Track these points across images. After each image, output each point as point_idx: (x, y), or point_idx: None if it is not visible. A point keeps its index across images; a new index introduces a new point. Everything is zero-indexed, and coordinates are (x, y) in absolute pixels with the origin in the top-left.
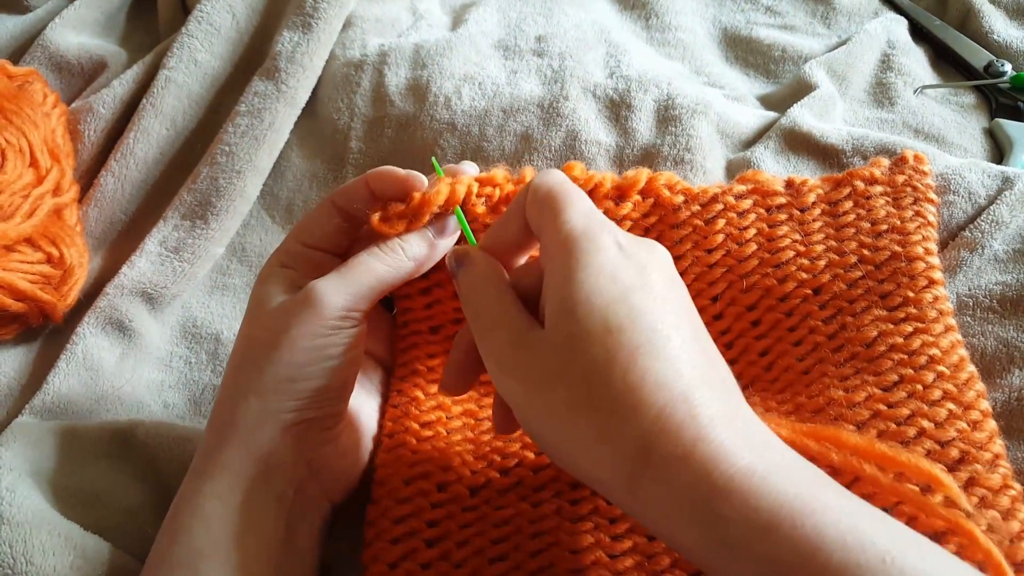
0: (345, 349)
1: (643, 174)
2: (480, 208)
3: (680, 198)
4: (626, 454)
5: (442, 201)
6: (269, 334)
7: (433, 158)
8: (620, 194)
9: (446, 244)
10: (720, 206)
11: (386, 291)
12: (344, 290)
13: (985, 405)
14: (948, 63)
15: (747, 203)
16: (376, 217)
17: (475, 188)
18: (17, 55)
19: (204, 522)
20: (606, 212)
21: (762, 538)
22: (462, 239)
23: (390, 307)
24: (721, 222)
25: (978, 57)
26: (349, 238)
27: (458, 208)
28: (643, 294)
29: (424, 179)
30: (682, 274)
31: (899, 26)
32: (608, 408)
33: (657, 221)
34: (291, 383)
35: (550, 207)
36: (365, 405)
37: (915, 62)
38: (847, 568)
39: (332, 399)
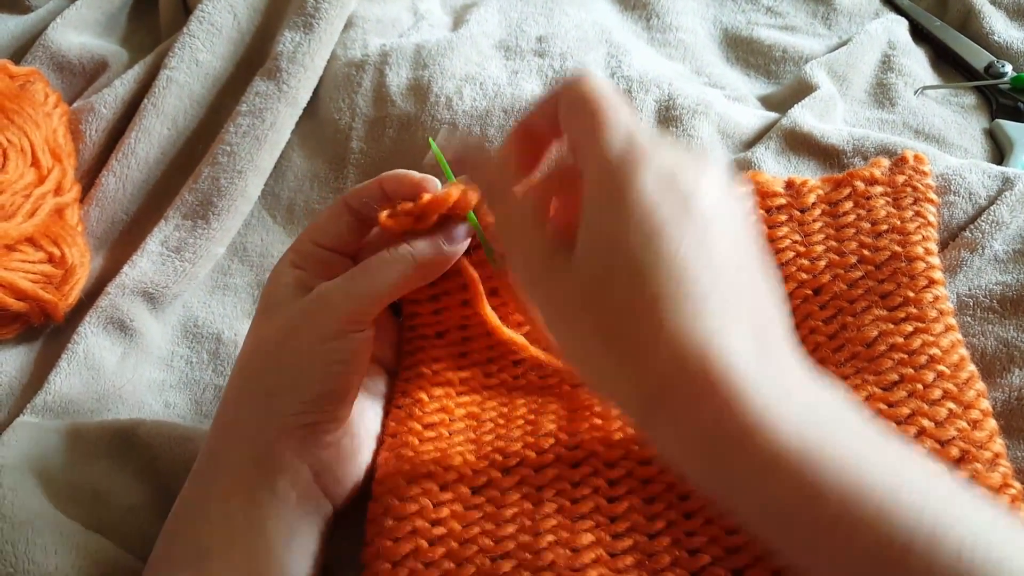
0: (351, 355)
1: None
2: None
3: None
4: (643, 391)
5: (451, 203)
6: (277, 335)
7: (430, 138)
8: None
9: (456, 252)
10: None
11: (394, 297)
12: (353, 295)
13: (985, 404)
14: (948, 64)
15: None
16: (384, 214)
17: None
18: (19, 55)
19: (207, 522)
20: None
21: (765, 481)
22: (476, 245)
23: (397, 312)
24: None
25: (979, 58)
26: (359, 239)
27: (471, 213)
28: (678, 230)
29: (438, 183)
30: None
31: (899, 27)
32: (628, 348)
33: None
34: (295, 386)
35: (588, 122)
36: (369, 410)
37: (915, 63)
38: (845, 508)
39: (336, 404)
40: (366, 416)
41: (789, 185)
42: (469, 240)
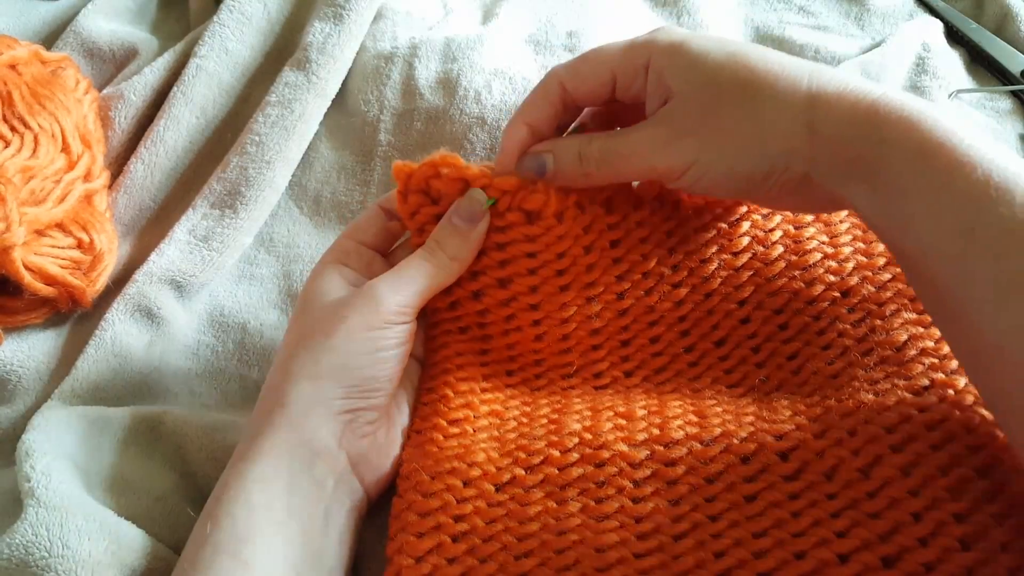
0: (396, 343)
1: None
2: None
3: (700, 200)
4: (800, 108)
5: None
6: (328, 323)
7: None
8: (637, 200)
9: (479, 231)
10: (744, 208)
11: (437, 290)
12: (399, 290)
13: None
14: (984, 67)
15: None
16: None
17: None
18: (50, 41)
19: (247, 508)
20: (624, 217)
21: (912, 128)
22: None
23: None
24: (746, 224)
25: (1014, 61)
26: (394, 240)
27: (477, 190)
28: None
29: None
30: (709, 277)
31: (934, 29)
32: (770, 92)
33: (678, 225)
34: (344, 370)
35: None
36: (402, 402)
37: (950, 65)
38: (972, 149)
39: (378, 390)
40: (400, 407)
41: None
42: (487, 217)
